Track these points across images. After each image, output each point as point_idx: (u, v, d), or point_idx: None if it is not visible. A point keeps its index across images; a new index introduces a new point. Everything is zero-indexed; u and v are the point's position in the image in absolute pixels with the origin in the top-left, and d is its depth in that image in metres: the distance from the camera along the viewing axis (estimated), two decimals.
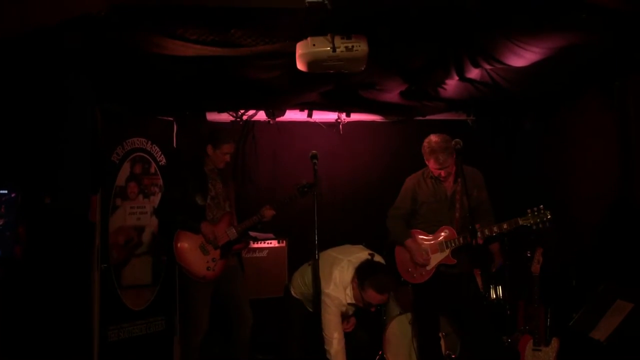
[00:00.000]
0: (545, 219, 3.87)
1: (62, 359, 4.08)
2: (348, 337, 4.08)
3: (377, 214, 5.74)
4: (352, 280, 3.90)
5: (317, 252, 3.59)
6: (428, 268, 4.16)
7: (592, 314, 4.30)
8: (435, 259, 4.13)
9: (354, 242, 4.93)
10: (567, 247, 4.92)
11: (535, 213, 3.89)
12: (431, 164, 4.09)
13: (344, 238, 4.45)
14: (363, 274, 3.85)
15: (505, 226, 3.95)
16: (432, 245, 4.15)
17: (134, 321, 4.86)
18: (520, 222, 3.92)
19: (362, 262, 3.93)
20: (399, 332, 4.87)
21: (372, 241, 5.47)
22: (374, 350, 5.02)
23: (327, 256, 4.01)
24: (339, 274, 3.93)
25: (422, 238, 4.20)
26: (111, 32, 3.30)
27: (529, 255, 4.54)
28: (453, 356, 4.76)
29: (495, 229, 3.96)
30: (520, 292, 4.85)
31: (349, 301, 3.95)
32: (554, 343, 4.30)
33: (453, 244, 4.06)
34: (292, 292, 4.25)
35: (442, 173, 4.07)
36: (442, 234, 4.12)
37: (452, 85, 4.57)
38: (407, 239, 4.20)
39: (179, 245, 4.17)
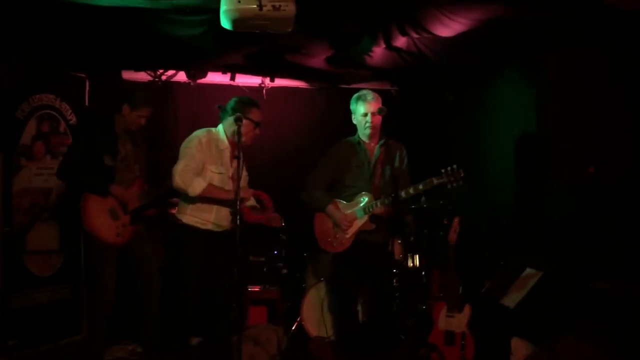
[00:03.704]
0: (458, 177, 3.90)
1: None
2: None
3: (299, 182, 5.72)
4: (232, 123, 3.85)
5: (238, 218, 3.52)
6: (347, 235, 4.15)
7: (503, 282, 4.47)
8: (355, 226, 4.13)
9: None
10: (482, 218, 5.08)
11: (449, 172, 3.92)
12: (359, 109, 4.06)
13: None
14: (241, 104, 3.92)
15: (420, 187, 3.97)
16: (352, 212, 4.14)
17: (39, 288, 4.60)
18: (435, 182, 3.94)
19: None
20: (317, 300, 4.89)
21: (292, 208, 5.47)
22: (293, 318, 5.04)
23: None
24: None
25: (342, 205, 4.18)
26: None
27: (446, 223, 4.64)
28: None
29: (411, 190, 3.98)
30: (437, 260, 4.98)
31: (222, 146, 3.93)
32: (467, 309, 4.43)
33: (371, 209, 4.06)
34: (183, 220, 3.95)
35: (370, 122, 4.03)
36: (361, 199, 4.13)
37: (378, 53, 4.55)
38: (329, 204, 4.18)
39: (86, 209, 3.94)
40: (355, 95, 4.13)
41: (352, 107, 4.13)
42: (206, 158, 3.88)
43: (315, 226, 4.28)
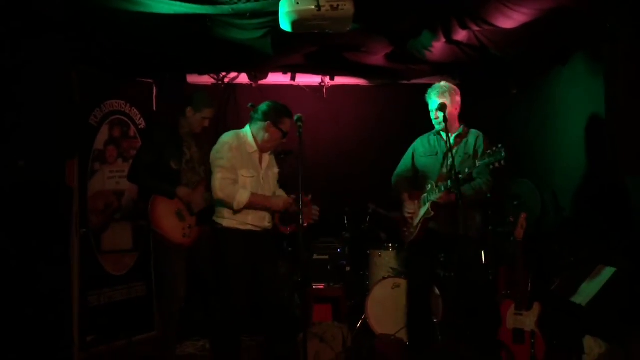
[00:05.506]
0: (499, 157, 3.76)
1: (42, 326, 4.02)
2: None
3: (361, 178, 5.76)
4: (262, 128, 3.81)
5: (300, 216, 3.57)
6: (415, 224, 4.15)
7: (574, 279, 4.33)
8: (420, 214, 4.13)
9: (336, 205, 4.89)
10: (550, 212, 4.93)
11: (491, 152, 3.84)
12: (429, 104, 4.12)
13: (327, 201, 4.39)
14: (275, 113, 3.82)
15: (467, 170, 3.92)
16: (419, 200, 4.14)
17: (114, 286, 4.80)
18: (478, 163, 3.88)
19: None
20: (382, 297, 4.89)
21: (355, 204, 5.49)
22: (357, 315, 5.05)
23: None
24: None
25: (416, 194, 4.20)
26: None
27: (512, 220, 4.54)
28: (435, 320, 4.78)
29: (460, 175, 3.88)
30: (503, 257, 4.87)
31: (250, 149, 3.82)
32: (536, 307, 4.32)
33: (431, 196, 4.02)
34: (223, 224, 3.85)
35: (434, 118, 4.07)
36: (427, 188, 4.11)
37: (438, 47, 4.48)
38: (404, 194, 4.22)
39: (155, 210, 4.03)
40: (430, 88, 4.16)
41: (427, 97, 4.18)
42: (237, 163, 3.78)
43: (398, 219, 4.34)
